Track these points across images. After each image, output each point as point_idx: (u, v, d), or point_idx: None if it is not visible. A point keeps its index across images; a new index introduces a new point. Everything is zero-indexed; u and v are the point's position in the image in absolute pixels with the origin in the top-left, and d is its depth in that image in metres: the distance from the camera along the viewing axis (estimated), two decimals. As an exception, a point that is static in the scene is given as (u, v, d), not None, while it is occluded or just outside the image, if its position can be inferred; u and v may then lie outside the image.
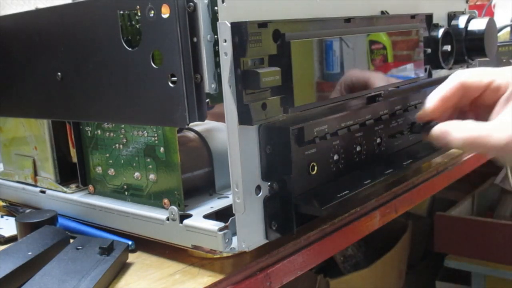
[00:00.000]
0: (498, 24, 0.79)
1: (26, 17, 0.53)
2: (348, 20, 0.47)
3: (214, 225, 0.42)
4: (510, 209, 1.31)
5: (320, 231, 0.49)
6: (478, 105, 0.47)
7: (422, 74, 0.56)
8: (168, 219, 0.45)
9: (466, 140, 0.43)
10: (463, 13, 0.68)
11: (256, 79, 0.38)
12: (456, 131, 0.44)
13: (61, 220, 0.52)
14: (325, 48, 0.44)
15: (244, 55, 0.38)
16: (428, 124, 0.48)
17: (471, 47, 0.64)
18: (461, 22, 0.65)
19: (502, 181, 1.26)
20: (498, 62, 1.19)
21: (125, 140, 0.49)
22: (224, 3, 0.37)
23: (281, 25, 0.40)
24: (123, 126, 0.49)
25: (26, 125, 0.58)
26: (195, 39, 0.40)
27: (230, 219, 0.41)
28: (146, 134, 0.47)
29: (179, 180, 0.46)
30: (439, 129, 0.46)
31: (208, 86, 0.40)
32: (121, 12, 0.44)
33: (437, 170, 0.66)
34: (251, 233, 0.41)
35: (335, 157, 0.48)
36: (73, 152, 0.55)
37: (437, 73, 0.63)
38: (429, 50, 0.58)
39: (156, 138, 0.47)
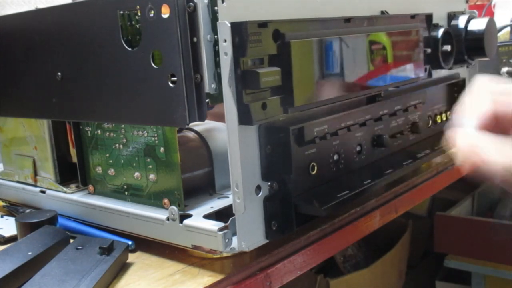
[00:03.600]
0: (498, 24, 0.79)
1: (26, 17, 0.53)
2: (348, 20, 0.47)
3: (214, 225, 0.42)
4: (510, 209, 1.31)
5: (320, 231, 0.49)
6: None
7: (422, 74, 0.56)
8: (168, 219, 0.45)
9: (464, 146, 0.37)
10: (463, 13, 0.68)
11: (256, 79, 0.38)
12: (462, 135, 0.37)
13: (61, 220, 0.52)
14: (325, 48, 0.44)
15: (244, 55, 0.38)
16: None
17: (471, 47, 0.64)
18: (461, 22, 0.65)
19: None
20: (498, 62, 1.19)
21: (125, 140, 0.49)
22: (224, 3, 0.37)
23: (281, 25, 0.40)
24: (123, 126, 0.49)
25: (26, 125, 0.58)
26: (195, 39, 0.40)
27: (230, 219, 0.41)
28: (146, 134, 0.47)
29: (179, 180, 0.46)
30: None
31: (208, 86, 0.40)
32: (121, 12, 0.44)
33: (437, 170, 0.66)
34: (251, 233, 0.41)
35: (335, 157, 0.48)
36: (73, 152, 0.55)
37: (437, 73, 0.63)
38: (429, 50, 0.58)
39: (156, 138, 0.47)
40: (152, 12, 0.41)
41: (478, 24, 0.64)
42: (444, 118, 0.66)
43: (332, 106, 0.47)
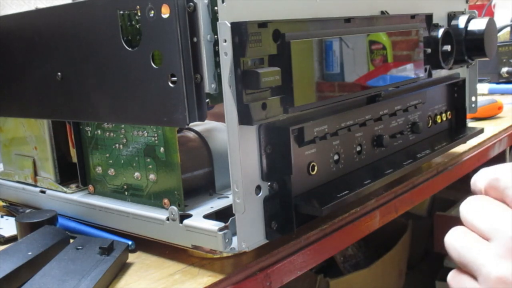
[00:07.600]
0: (498, 24, 0.79)
1: (26, 17, 0.53)
2: (348, 20, 0.47)
3: (214, 225, 0.42)
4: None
5: (320, 231, 0.49)
6: None
7: (422, 74, 0.56)
8: (168, 219, 0.45)
9: (459, 258, 0.36)
10: (463, 13, 0.68)
11: (256, 79, 0.38)
12: (455, 246, 0.37)
13: (61, 220, 0.52)
14: (325, 48, 0.44)
15: (244, 55, 0.38)
16: None
17: (471, 47, 0.64)
18: (461, 22, 0.65)
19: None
20: (498, 62, 1.19)
21: (125, 140, 0.49)
22: (224, 3, 0.37)
23: (281, 25, 0.40)
24: (123, 126, 0.49)
25: (26, 125, 0.58)
26: (195, 39, 0.40)
27: (230, 219, 0.41)
28: (146, 134, 0.47)
29: (179, 180, 0.46)
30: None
31: (208, 86, 0.40)
32: (121, 12, 0.44)
33: (437, 170, 0.66)
34: (251, 233, 0.41)
35: (335, 157, 0.48)
36: (73, 152, 0.55)
37: (437, 73, 0.63)
38: (429, 50, 0.58)
39: (156, 138, 0.47)
40: (152, 12, 0.41)
41: (478, 24, 0.64)
42: (444, 118, 0.66)
43: (332, 106, 0.47)
